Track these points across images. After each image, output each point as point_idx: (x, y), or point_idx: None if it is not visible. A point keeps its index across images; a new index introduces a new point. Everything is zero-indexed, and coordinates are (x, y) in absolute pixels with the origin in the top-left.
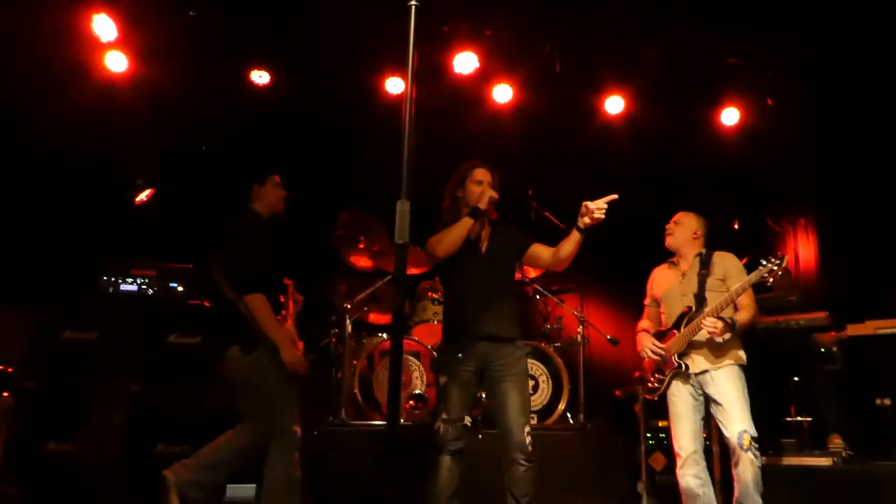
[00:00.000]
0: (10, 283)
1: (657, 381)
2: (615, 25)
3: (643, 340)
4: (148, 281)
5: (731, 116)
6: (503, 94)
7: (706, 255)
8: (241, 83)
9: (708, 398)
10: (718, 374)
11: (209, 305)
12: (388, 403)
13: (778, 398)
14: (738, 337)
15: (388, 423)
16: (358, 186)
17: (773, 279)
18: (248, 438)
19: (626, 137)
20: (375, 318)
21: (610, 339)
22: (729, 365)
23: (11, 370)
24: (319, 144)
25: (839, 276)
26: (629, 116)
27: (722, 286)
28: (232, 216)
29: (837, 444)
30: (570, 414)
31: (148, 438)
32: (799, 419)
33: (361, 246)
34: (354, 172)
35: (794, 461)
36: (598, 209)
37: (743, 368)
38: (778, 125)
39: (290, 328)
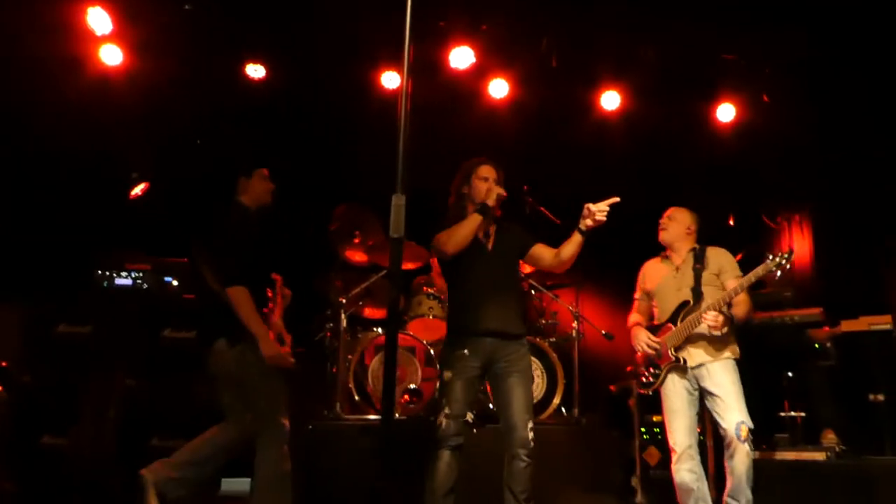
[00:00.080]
0: (4, 277)
1: (651, 375)
2: (612, 21)
3: (638, 334)
4: (142, 275)
5: (727, 113)
6: (499, 89)
7: (699, 250)
8: (236, 77)
9: (703, 392)
10: (715, 366)
11: (193, 298)
12: (383, 398)
13: (772, 393)
14: (733, 331)
15: (382, 417)
16: (353, 181)
17: (780, 273)
18: (232, 434)
19: (622, 133)
20: (370, 312)
21: (605, 334)
22: (726, 358)
23: (6, 364)
24: (315, 138)
25: (834, 272)
26: (625, 112)
27: (717, 281)
28: (219, 208)
29: (831, 439)
30: (564, 408)
31: (142, 432)
32: (793, 414)
33: (357, 240)
34: (350, 167)
35: (787, 456)
36: (599, 211)
37: (737, 362)
38: (774, 122)
39: (277, 322)
